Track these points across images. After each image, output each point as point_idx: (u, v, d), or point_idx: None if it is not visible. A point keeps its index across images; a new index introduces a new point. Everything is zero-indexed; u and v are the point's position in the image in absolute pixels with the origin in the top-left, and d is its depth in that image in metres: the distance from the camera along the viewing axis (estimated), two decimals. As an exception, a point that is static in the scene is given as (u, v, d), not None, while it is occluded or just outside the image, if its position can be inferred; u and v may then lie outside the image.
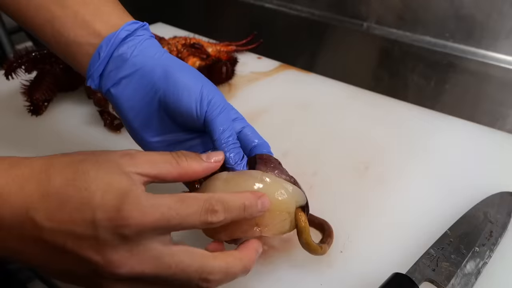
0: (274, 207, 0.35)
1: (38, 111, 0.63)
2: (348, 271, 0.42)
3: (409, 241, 0.45)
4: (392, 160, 0.56)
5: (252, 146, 0.42)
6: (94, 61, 0.40)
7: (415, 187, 0.52)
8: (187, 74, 0.40)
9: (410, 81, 0.86)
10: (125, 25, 0.40)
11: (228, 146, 0.38)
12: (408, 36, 0.84)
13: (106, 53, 0.39)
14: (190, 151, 0.36)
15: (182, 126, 0.41)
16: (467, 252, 0.40)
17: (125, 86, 0.40)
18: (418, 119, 0.64)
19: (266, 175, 0.37)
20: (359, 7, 0.88)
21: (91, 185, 0.29)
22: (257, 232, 0.35)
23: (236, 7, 1.07)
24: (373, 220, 0.47)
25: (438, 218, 0.47)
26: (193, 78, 0.40)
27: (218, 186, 0.36)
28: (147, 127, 0.41)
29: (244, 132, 0.42)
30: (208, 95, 0.39)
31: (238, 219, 0.33)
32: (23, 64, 0.62)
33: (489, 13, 0.74)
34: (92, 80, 0.41)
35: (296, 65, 0.79)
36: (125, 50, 0.40)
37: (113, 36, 0.39)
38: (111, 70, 0.40)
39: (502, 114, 0.78)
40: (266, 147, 0.42)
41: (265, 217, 0.35)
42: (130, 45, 0.40)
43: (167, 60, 0.40)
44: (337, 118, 0.64)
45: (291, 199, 0.37)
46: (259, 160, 0.39)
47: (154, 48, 0.41)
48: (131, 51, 0.40)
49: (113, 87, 0.40)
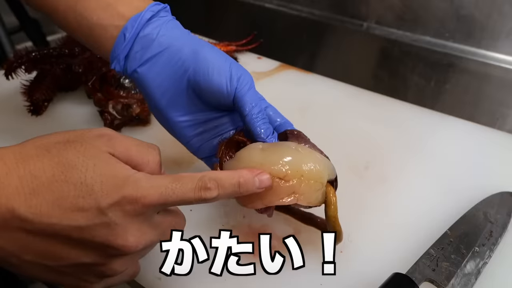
0: (310, 176, 0.36)
1: (38, 111, 0.63)
2: (348, 271, 0.42)
3: (409, 241, 0.45)
4: (392, 160, 0.56)
5: (276, 125, 0.43)
6: (119, 42, 0.40)
7: (415, 187, 0.52)
8: (215, 53, 0.41)
9: (410, 81, 0.86)
10: (149, 6, 0.41)
11: (259, 121, 0.40)
12: (408, 36, 0.84)
13: (132, 34, 0.40)
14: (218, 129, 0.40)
15: (210, 104, 0.42)
16: (467, 252, 0.40)
17: (153, 65, 0.41)
18: (418, 119, 0.64)
19: (301, 146, 0.38)
20: (359, 7, 0.88)
21: (85, 179, 0.30)
22: (293, 199, 0.36)
23: (236, 7, 1.07)
24: (373, 220, 0.47)
25: (438, 218, 0.47)
26: (221, 56, 0.41)
27: (254, 155, 0.37)
28: (175, 106, 0.42)
29: (267, 112, 0.43)
30: (237, 73, 0.40)
31: (234, 195, 0.35)
32: (23, 64, 0.62)
33: (489, 13, 0.74)
34: (118, 61, 0.41)
35: (296, 65, 0.78)
36: (150, 30, 0.40)
37: (138, 17, 0.40)
38: (137, 50, 0.40)
39: (502, 114, 0.78)
40: (289, 125, 0.43)
41: (301, 186, 0.36)
42: (155, 26, 0.40)
43: (194, 40, 0.42)
44: (337, 118, 0.64)
45: (324, 170, 0.38)
46: (290, 135, 0.40)
47: (179, 28, 0.42)
48: (157, 31, 0.40)
49: (140, 67, 0.41)
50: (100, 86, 0.63)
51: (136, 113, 0.60)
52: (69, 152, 0.30)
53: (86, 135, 0.32)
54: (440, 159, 0.56)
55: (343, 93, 0.70)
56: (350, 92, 0.71)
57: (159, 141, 0.59)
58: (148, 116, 0.62)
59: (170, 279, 0.39)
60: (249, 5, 1.03)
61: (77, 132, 0.32)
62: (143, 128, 0.61)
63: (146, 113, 0.61)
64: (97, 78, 0.62)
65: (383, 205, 0.49)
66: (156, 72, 0.41)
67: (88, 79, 0.62)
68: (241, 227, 0.46)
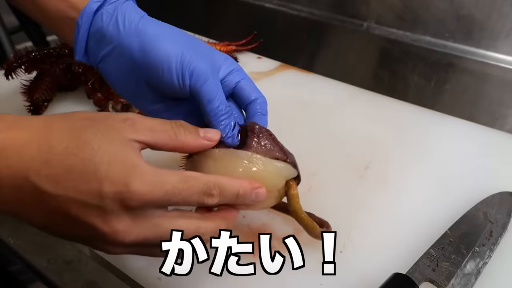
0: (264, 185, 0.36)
1: (38, 111, 0.63)
2: (348, 271, 0.42)
3: (409, 241, 0.44)
4: (392, 160, 0.56)
5: (249, 101, 0.41)
6: (76, 38, 0.39)
7: (415, 187, 0.52)
8: (164, 43, 0.37)
9: (410, 81, 0.86)
10: None
11: (217, 118, 0.38)
12: (408, 36, 0.84)
13: (83, 28, 0.38)
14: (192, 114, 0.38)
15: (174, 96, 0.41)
16: (467, 252, 0.40)
17: (107, 62, 0.40)
18: (418, 119, 0.64)
19: (254, 157, 0.37)
20: (359, 7, 0.88)
21: (94, 157, 0.30)
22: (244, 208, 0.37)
23: (236, 7, 1.07)
24: (373, 220, 0.47)
25: (438, 218, 0.47)
26: (171, 46, 0.37)
27: (209, 166, 0.36)
28: (140, 98, 0.41)
29: (240, 86, 0.41)
30: (189, 64, 0.37)
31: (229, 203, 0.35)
32: (23, 64, 0.62)
33: (489, 13, 0.74)
34: (80, 57, 0.40)
35: (296, 65, 0.78)
36: (99, 23, 0.38)
37: (86, 9, 0.38)
38: (92, 46, 0.39)
39: (502, 114, 0.78)
40: (262, 103, 0.41)
41: None
42: (104, 17, 0.38)
43: (143, 29, 0.38)
44: (337, 118, 0.64)
45: (278, 177, 0.37)
46: (250, 133, 0.38)
47: (130, 15, 0.38)
48: (106, 23, 0.38)
49: (100, 63, 0.40)
50: (100, 86, 0.63)
51: (136, 113, 0.60)
52: (90, 129, 0.31)
53: (112, 117, 0.32)
54: (440, 159, 0.56)
55: (343, 93, 0.70)
56: (350, 92, 0.71)
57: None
58: (148, 116, 0.62)
59: (170, 279, 0.39)
60: (249, 5, 1.03)
61: (105, 114, 0.33)
62: (143, 128, 0.61)
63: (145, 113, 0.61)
64: (97, 78, 0.63)
65: (383, 205, 0.49)
66: (112, 69, 0.40)
67: (88, 79, 0.62)
68: (241, 227, 0.46)
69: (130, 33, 0.38)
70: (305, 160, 0.56)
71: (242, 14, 1.07)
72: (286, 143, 0.46)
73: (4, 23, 1.05)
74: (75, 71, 0.62)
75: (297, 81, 0.74)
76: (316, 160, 0.56)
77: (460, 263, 0.39)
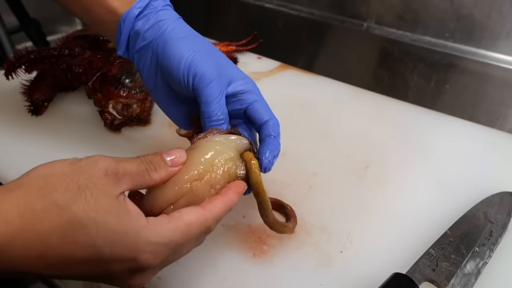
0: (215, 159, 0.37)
1: (38, 111, 0.63)
2: (348, 271, 0.42)
3: (409, 241, 0.45)
4: (392, 160, 0.56)
5: (261, 123, 0.43)
6: (118, 38, 0.44)
7: (415, 187, 0.52)
8: (181, 44, 0.42)
9: (410, 81, 0.86)
10: (136, 2, 0.42)
11: (209, 121, 0.40)
12: (408, 36, 0.84)
13: (125, 31, 0.43)
14: None
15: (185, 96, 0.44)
16: (467, 252, 0.40)
17: (139, 57, 0.44)
18: (418, 119, 0.64)
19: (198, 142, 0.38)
20: (359, 7, 0.89)
21: (96, 242, 0.29)
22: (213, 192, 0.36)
23: (236, 7, 1.07)
24: (373, 220, 0.47)
25: (438, 218, 0.47)
26: (186, 48, 0.41)
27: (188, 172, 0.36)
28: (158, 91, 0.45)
29: (254, 107, 0.43)
30: (196, 67, 0.41)
31: None
32: (23, 64, 0.62)
33: (489, 13, 0.74)
34: (121, 53, 0.45)
35: (296, 65, 0.79)
36: (139, 26, 0.43)
37: (127, 14, 0.42)
38: (132, 44, 0.44)
39: (502, 114, 0.78)
40: (274, 125, 0.43)
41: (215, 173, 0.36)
42: (144, 21, 0.43)
43: (174, 29, 0.43)
44: (337, 118, 0.64)
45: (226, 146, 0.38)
46: None
47: (165, 20, 0.43)
48: (144, 26, 0.43)
49: (134, 55, 0.44)
50: (100, 86, 0.63)
51: (136, 113, 0.60)
52: (79, 206, 0.29)
53: (94, 174, 0.30)
54: (440, 159, 0.56)
55: (343, 93, 0.70)
56: (350, 92, 0.71)
57: (159, 141, 0.59)
58: (148, 116, 0.62)
59: (170, 279, 0.39)
60: (249, 5, 1.03)
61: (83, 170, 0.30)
62: (143, 128, 0.61)
63: (146, 113, 0.61)
64: (97, 78, 0.62)
65: (383, 205, 0.49)
66: (141, 61, 0.44)
67: (88, 79, 0.62)
68: (241, 227, 0.46)
69: (161, 32, 0.42)
70: (305, 160, 0.56)
71: (242, 14, 1.07)
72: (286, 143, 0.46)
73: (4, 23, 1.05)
74: (75, 71, 0.62)
75: (297, 81, 0.74)
76: (315, 160, 0.56)
77: (460, 263, 0.39)
